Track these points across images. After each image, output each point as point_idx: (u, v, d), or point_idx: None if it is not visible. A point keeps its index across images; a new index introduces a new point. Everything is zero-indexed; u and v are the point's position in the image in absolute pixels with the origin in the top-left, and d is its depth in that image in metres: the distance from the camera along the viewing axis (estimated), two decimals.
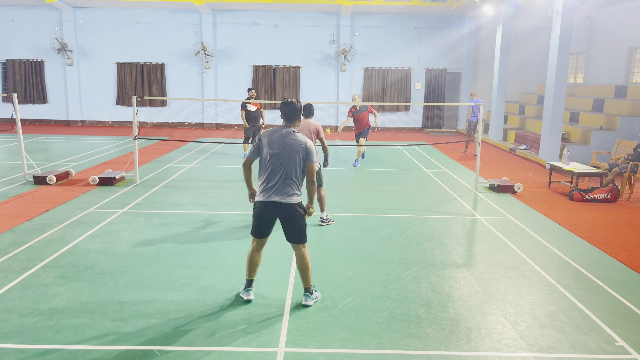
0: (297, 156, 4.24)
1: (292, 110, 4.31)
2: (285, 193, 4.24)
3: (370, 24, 18.66)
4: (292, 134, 4.27)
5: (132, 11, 18.49)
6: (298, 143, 4.24)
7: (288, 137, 4.25)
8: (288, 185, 4.25)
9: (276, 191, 4.23)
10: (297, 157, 4.24)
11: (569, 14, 11.41)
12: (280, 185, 4.24)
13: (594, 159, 11.21)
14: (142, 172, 10.20)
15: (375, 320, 4.22)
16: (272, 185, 4.25)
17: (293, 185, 4.27)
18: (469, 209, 8.03)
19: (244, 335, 3.95)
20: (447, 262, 5.61)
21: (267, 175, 4.28)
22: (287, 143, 4.23)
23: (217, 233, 6.49)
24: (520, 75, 19.45)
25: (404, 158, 12.97)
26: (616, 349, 3.88)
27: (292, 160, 4.23)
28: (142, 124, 19.26)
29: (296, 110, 4.32)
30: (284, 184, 4.24)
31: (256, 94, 18.56)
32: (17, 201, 7.89)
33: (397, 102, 18.76)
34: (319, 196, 6.79)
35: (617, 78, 15.07)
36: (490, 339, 3.99)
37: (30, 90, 18.97)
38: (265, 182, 4.29)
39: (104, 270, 5.17)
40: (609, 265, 5.65)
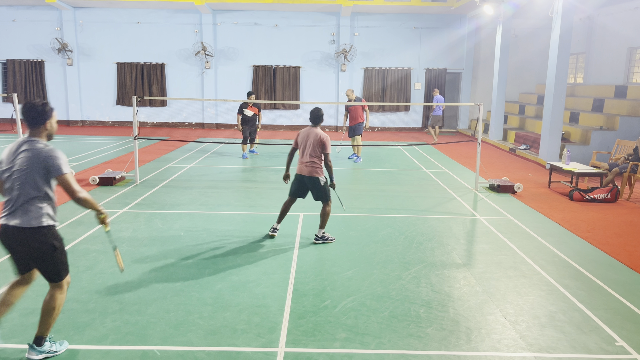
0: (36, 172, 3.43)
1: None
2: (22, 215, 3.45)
3: (370, 24, 18.66)
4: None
5: (132, 11, 18.49)
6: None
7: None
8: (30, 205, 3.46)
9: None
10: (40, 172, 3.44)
11: (569, 14, 11.41)
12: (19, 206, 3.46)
13: (593, 159, 11.21)
14: (142, 172, 10.20)
15: (375, 320, 4.22)
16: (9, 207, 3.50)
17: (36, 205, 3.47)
18: (469, 209, 8.03)
19: (244, 335, 3.96)
20: (447, 262, 5.61)
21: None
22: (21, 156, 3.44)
23: (217, 233, 6.49)
24: (520, 75, 19.45)
25: (404, 158, 12.97)
26: (616, 349, 3.88)
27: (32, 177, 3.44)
28: (142, 124, 19.26)
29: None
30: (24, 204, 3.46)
31: (256, 95, 18.62)
32: None
33: (397, 102, 18.77)
34: (323, 212, 6.19)
35: (617, 78, 15.07)
36: (490, 339, 3.99)
37: (31, 90, 18.97)
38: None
39: (104, 270, 5.17)
40: (609, 265, 5.65)
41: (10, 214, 3.48)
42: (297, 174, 6.23)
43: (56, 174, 3.48)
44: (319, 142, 6.03)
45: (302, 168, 6.15)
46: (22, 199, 3.46)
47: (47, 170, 3.47)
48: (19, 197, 3.47)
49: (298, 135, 6.25)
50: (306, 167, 6.10)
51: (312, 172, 6.08)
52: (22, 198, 3.46)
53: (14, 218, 3.46)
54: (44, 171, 3.47)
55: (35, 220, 3.47)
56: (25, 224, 3.45)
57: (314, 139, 6.05)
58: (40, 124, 3.52)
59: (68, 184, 3.50)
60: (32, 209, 3.48)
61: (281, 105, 19.21)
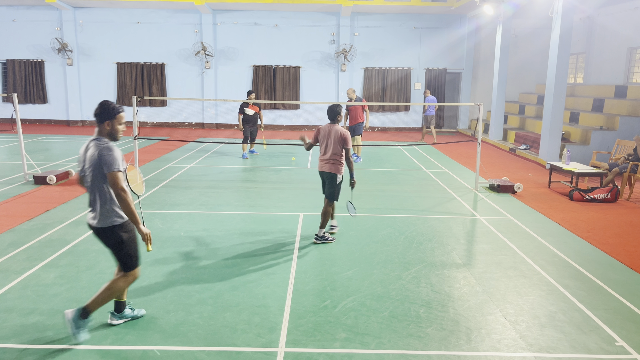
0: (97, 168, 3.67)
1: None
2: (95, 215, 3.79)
3: (370, 24, 18.66)
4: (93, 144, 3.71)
5: (132, 11, 18.49)
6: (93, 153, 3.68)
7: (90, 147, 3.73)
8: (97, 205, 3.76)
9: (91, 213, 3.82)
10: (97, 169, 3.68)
11: (569, 14, 11.41)
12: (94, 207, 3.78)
13: (593, 159, 11.21)
14: (142, 172, 10.20)
15: (375, 320, 4.22)
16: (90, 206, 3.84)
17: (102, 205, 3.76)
18: (469, 209, 8.03)
19: (244, 335, 3.96)
20: (447, 262, 5.61)
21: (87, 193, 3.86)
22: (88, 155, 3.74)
23: (217, 233, 6.49)
24: (520, 75, 19.45)
25: (404, 158, 12.97)
26: (616, 349, 3.88)
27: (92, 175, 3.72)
28: (142, 123, 19.26)
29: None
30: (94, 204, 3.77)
31: (256, 95, 18.61)
32: (17, 201, 7.90)
33: (397, 102, 18.76)
34: (325, 210, 6.21)
35: (617, 78, 15.07)
36: (490, 339, 3.99)
37: (30, 90, 18.97)
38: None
39: (104, 270, 5.17)
40: (609, 265, 5.65)
41: (90, 213, 3.83)
42: (319, 171, 6.27)
43: (107, 170, 3.64)
44: (340, 139, 6.03)
45: (323, 165, 6.19)
46: (95, 198, 3.75)
47: (101, 167, 3.65)
48: (93, 197, 3.76)
49: (318, 133, 6.23)
50: (327, 164, 6.15)
51: (333, 168, 6.13)
52: (95, 196, 3.75)
53: (92, 218, 3.80)
54: (101, 168, 3.66)
55: (108, 221, 3.76)
56: (100, 224, 3.76)
57: (335, 136, 6.06)
58: (100, 123, 3.75)
59: (115, 181, 3.64)
60: (103, 210, 3.75)
61: (281, 105, 19.21)
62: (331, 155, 6.09)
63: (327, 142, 6.13)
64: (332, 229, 6.59)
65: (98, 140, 3.73)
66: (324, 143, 6.18)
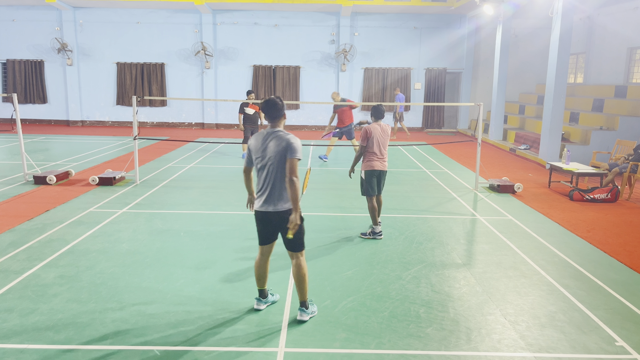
0: (281, 157, 3.92)
1: (272, 109, 3.99)
2: (275, 201, 4.00)
3: (370, 24, 18.66)
4: (276, 134, 3.95)
5: (132, 11, 18.49)
6: (281, 141, 3.91)
7: (271, 139, 3.94)
8: (277, 191, 4.00)
9: (267, 199, 4.00)
10: (281, 158, 3.93)
11: (569, 14, 11.41)
12: (270, 192, 4.01)
13: (594, 159, 11.21)
14: (142, 172, 10.20)
15: (375, 320, 4.22)
16: (263, 192, 4.05)
17: (283, 191, 3.99)
18: (469, 209, 8.03)
19: (244, 335, 3.95)
20: (447, 262, 5.61)
21: (258, 182, 4.11)
22: (271, 146, 3.94)
23: (217, 233, 6.49)
24: (520, 75, 19.45)
25: (404, 158, 12.97)
26: (616, 349, 3.88)
27: (280, 163, 3.94)
28: (142, 124, 19.27)
29: (277, 107, 3.98)
30: (273, 190, 4.00)
31: (256, 95, 18.62)
32: (17, 201, 7.89)
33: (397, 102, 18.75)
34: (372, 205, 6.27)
35: (617, 78, 15.07)
36: (490, 339, 3.99)
37: (30, 90, 18.98)
38: (258, 189, 4.12)
39: (104, 270, 5.17)
40: (609, 265, 5.65)
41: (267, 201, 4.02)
42: (376, 170, 6.27)
43: (290, 155, 3.91)
44: (389, 135, 6.33)
45: (378, 164, 6.28)
46: (274, 184, 3.98)
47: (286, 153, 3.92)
48: (273, 183, 3.98)
49: (371, 134, 6.19)
50: (382, 163, 6.31)
51: (386, 165, 6.37)
52: (274, 183, 3.98)
53: (270, 204, 4.01)
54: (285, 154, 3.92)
55: (287, 204, 4.00)
56: (282, 207, 4.00)
57: (387, 134, 6.29)
58: (279, 117, 4.03)
59: (293, 167, 3.92)
60: (281, 194, 4.00)
61: None
62: (385, 153, 6.33)
63: (381, 141, 6.28)
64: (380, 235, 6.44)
65: (280, 131, 3.99)
66: (382, 142, 6.28)
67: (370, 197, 6.36)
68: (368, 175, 6.30)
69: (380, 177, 6.37)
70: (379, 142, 6.25)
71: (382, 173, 6.35)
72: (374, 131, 6.21)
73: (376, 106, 6.30)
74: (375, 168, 6.26)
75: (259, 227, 4.20)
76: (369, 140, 6.22)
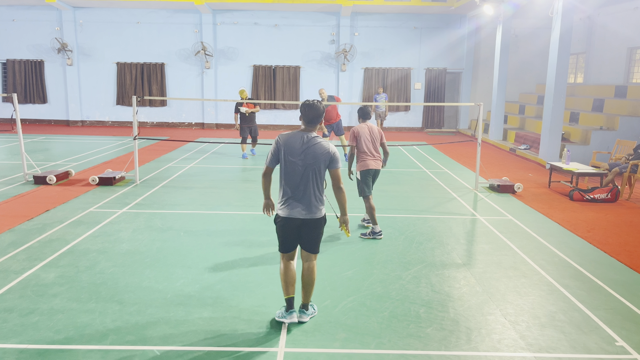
0: (323, 164, 3.96)
1: (315, 114, 3.97)
2: (311, 208, 3.98)
3: (370, 24, 18.66)
4: (316, 141, 3.95)
5: (132, 11, 18.49)
6: (323, 150, 3.93)
7: (312, 144, 3.93)
8: (312, 198, 3.98)
9: (304, 205, 3.96)
10: (323, 165, 3.96)
11: (569, 14, 11.41)
12: (307, 198, 3.97)
13: (594, 159, 11.21)
14: (142, 172, 10.20)
15: (375, 320, 4.22)
16: (296, 198, 3.97)
17: (319, 198, 4.02)
18: (469, 209, 8.03)
19: (244, 335, 3.95)
20: (447, 262, 5.61)
21: (289, 186, 3.97)
22: (311, 151, 3.92)
23: (217, 233, 6.49)
24: (520, 75, 19.45)
25: (404, 158, 12.97)
26: (616, 349, 3.88)
27: (318, 170, 3.95)
28: (142, 124, 19.26)
29: (319, 113, 3.98)
30: (310, 196, 3.97)
31: (256, 95, 18.61)
32: (17, 201, 7.89)
33: (397, 102, 18.77)
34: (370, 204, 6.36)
35: (617, 78, 15.07)
36: (490, 339, 3.99)
37: (30, 90, 18.97)
38: (287, 194, 3.99)
39: (104, 270, 5.17)
40: (609, 265, 5.64)
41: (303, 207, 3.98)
42: (371, 169, 6.36)
43: (336, 166, 4.00)
44: (380, 134, 6.40)
45: (372, 163, 6.37)
46: (310, 190, 3.96)
47: (329, 163, 3.98)
48: (312, 190, 3.97)
49: (359, 134, 6.31)
50: (376, 161, 6.39)
51: (380, 164, 6.43)
52: (310, 189, 3.96)
53: (305, 210, 3.98)
54: (326, 164, 3.97)
55: (320, 212, 4.05)
56: (316, 215, 4.02)
57: (376, 133, 6.38)
58: (317, 123, 4.04)
59: (339, 176, 4.03)
60: (318, 201, 4.03)
61: (281, 105, 19.21)
62: (378, 151, 6.41)
63: (373, 140, 6.37)
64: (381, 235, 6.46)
65: (318, 137, 4.00)
66: (371, 141, 6.37)
67: (367, 197, 6.43)
68: (363, 175, 6.39)
69: (375, 176, 6.49)
70: (368, 141, 6.35)
71: (376, 172, 6.46)
72: (361, 131, 6.34)
73: (362, 107, 6.46)
74: (370, 167, 6.36)
75: (286, 234, 4.05)
76: (357, 140, 6.34)
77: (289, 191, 3.98)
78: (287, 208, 3.99)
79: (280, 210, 4.05)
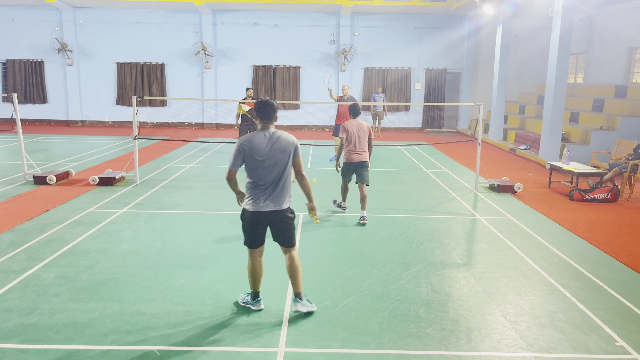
0: (288, 157, 4.13)
1: (271, 110, 4.13)
2: (279, 200, 4.15)
3: (370, 24, 18.66)
4: (278, 135, 4.11)
5: (132, 11, 18.49)
6: (287, 142, 4.12)
7: (275, 138, 4.09)
8: (281, 191, 4.15)
9: (273, 198, 4.12)
10: (288, 157, 4.13)
11: (569, 14, 11.41)
12: (277, 191, 4.14)
13: (594, 159, 11.21)
14: (142, 172, 10.20)
15: (375, 320, 4.22)
16: (265, 192, 4.11)
17: (286, 190, 4.19)
18: (469, 209, 8.03)
19: (244, 335, 3.95)
20: (447, 262, 5.61)
21: (257, 181, 4.11)
22: (277, 145, 4.08)
23: (217, 233, 6.48)
24: (520, 75, 19.45)
25: (404, 158, 12.97)
26: (616, 349, 3.88)
27: (283, 163, 4.11)
28: (142, 124, 19.27)
29: (275, 109, 4.15)
30: (281, 189, 4.15)
31: (255, 95, 18.61)
32: (17, 201, 7.89)
33: (397, 102, 18.77)
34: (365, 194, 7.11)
35: (617, 78, 15.07)
36: (490, 339, 3.99)
37: (30, 90, 18.98)
38: (254, 189, 4.14)
39: (104, 270, 5.17)
40: (609, 265, 5.64)
41: (268, 200, 4.12)
42: (353, 162, 7.10)
43: (298, 154, 4.18)
44: (367, 130, 7.04)
45: (356, 156, 7.08)
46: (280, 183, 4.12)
47: (292, 153, 4.14)
48: (278, 182, 4.11)
49: (347, 129, 7.01)
50: (360, 155, 7.07)
51: (365, 157, 7.10)
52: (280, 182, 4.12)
53: (273, 203, 4.12)
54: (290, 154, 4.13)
55: (289, 202, 4.22)
56: (284, 205, 4.17)
57: (364, 129, 7.03)
58: (272, 119, 4.16)
59: (301, 163, 4.25)
60: (287, 193, 4.20)
61: (281, 105, 19.20)
62: (363, 147, 7.05)
63: (359, 135, 7.02)
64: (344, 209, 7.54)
65: (278, 131, 4.15)
66: (356, 137, 7.03)
67: (345, 182, 7.37)
68: (345, 166, 7.22)
69: (358, 168, 7.13)
70: (354, 136, 7.01)
71: (360, 164, 7.10)
72: (349, 127, 7.02)
73: (352, 105, 7.16)
74: (352, 161, 7.09)
75: (253, 229, 4.18)
76: (347, 133, 7.02)
77: (258, 187, 4.14)
78: (256, 203, 4.14)
79: (248, 205, 4.19)
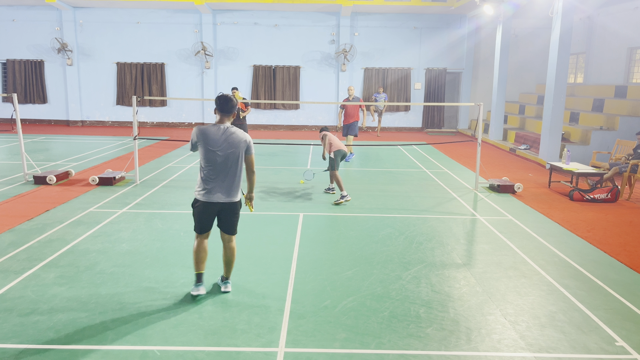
0: (241, 152, 4.40)
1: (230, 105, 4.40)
2: (229, 192, 4.43)
3: (370, 24, 18.66)
4: (232, 131, 4.39)
5: (132, 11, 18.49)
6: (240, 139, 4.40)
7: (229, 133, 4.37)
8: (231, 183, 4.42)
9: (224, 190, 4.40)
10: (241, 153, 4.41)
11: (569, 14, 11.41)
12: (227, 184, 4.41)
13: (594, 159, 11.21)
14: (142, 172, 10.20)
15: (375, 320, 4.22)
16: (216, 184, 4.37)
17: (236, 183, 4.46)
18: (469, 209, 8.03)
19: (244, 335, 3.95)
20: (447, 262, 5.61)
21: (209, 172, 4.37)
22: (230, 140, 4.35)
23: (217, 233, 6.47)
24: (520, 75, 19.45)
25: (404, 158, 12.97)
26: (616, 349, 3.88)
27: (235, 157, 4.37)
28: (142, 124, 19.27)
29: (233, 104, 4.40)
30: (230, 181, 4.42)
31: (256, 95, 18.62)
32: (17, 201, 7.89)
33: (397, 102, 18.77)
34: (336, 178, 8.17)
35: (617, 78, 15.07)
36: (490, 339, 3.99)
37: (30, 90, 18.97)
38: (207, 180, 4.39)
39: (104, 270, 5.17)
40: (609, 265, 5.65)
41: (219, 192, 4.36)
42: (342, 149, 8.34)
43: (251, 153, 4.47)
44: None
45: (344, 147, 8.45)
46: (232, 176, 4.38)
47: (245, 149, 4.41)
48: (230, 175, 4.37)
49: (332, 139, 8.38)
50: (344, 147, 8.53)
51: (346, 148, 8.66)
52: (233, 175, 4.37)
53: (223, 195, 4.38)
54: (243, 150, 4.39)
55: (237, 195, 4.50)
56: (235, 198, 4.46)
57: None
58: (230, 113, 4.40)
59: (253, 161, 4.54)
60: (238, 185, 4.46)
61: (281, 105, 19.21)
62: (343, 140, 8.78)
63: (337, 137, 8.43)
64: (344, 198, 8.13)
65: (234, 127, 4.39)
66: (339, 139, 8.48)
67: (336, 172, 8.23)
68: (336, 154, 8.25)
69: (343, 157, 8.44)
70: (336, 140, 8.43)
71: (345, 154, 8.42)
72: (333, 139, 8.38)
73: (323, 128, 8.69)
74: (342, 148, 8.32)
75: (203, 217, 4.47)
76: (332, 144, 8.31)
77: (210, 178, 4.37)
78: (208, 193, 4.38)
79: (199, 195, 4.42)
